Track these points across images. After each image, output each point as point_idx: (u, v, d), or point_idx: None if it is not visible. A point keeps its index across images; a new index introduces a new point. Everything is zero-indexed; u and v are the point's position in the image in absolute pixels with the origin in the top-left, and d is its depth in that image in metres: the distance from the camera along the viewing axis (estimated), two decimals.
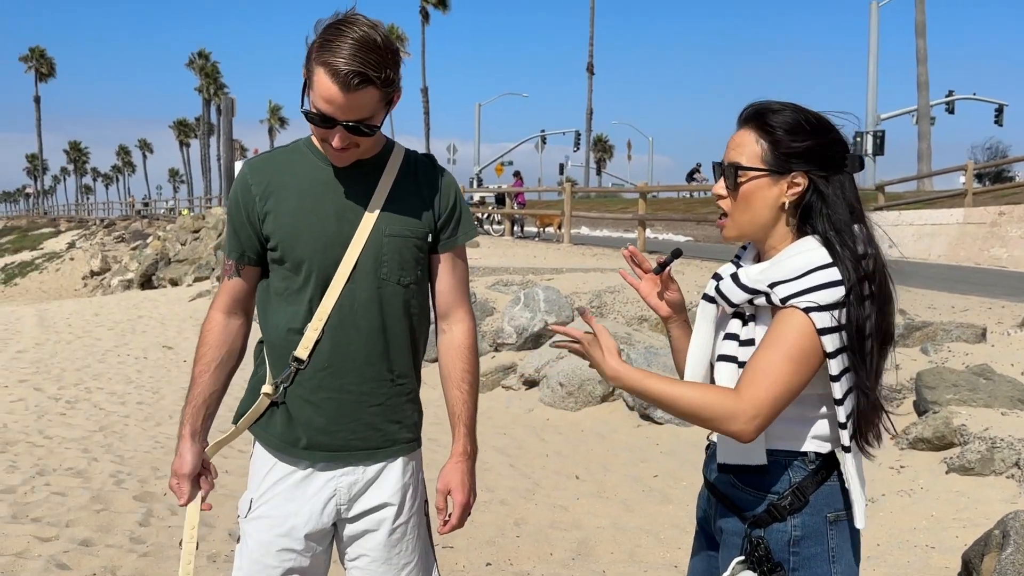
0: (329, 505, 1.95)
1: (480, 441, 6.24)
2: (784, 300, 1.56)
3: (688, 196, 31.26)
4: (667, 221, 23.27)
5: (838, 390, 1.56)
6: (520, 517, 4.59)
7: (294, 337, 1.91)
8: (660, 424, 6.35)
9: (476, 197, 24.44)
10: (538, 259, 13.99)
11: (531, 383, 7.84)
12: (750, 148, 1.63)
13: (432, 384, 2.14)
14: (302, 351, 1.89)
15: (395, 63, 1.80)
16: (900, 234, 17.20)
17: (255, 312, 2.04)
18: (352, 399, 1.92)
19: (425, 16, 53.97)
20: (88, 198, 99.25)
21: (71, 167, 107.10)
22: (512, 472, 5.45)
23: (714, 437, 1.73)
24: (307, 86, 1.81)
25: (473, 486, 2.03)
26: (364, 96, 1.76)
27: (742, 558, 1.63)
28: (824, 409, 1.63)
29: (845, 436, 1.59)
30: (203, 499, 2.02)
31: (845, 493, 1.65)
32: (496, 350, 8.88)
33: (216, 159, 58.73)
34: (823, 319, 1.54)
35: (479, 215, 22.61)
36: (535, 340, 8.55)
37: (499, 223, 21.71)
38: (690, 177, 27.53)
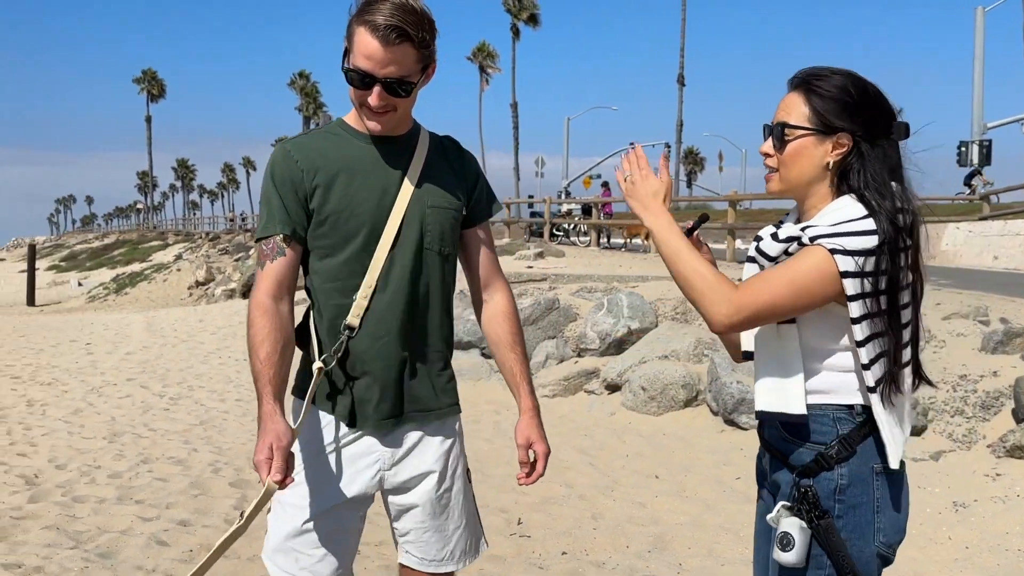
0: (373, 472, 1.99)
1: (560, 441, 6.31)
2: (813, 239, 1.62)
3: (783, 206, 30.61)
4: (757, 230, 22.82)
5: (859, 332, 1.62)
6: (598, 511, 4.62)
7: (343, 307, 1.95)
8: (745, 430, 6.27)
9: (564, 208, 24.51)
10: (623, 268, 13.95)
11: (613, 387, 7.84)
12: (798, 109, 1.70)
13: None
14: (353, 319, 1.94)
15: (432, 30, 1.88)
16: (1007, 244, 16.42)
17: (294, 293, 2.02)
18: (398, 367, 1.98)
19: (516, 33, 54.56)
20: (194, 213, 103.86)
21: (179, 183, 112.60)
22: (591, 470, 5.49)
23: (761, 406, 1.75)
24: (347, 53, 1.88)
25: (546, 436, 2.13)
26: (402, 51, 1.83)
27: (788, 503, 1.68)
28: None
29: (870, 377, 1.64)
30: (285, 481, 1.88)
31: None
32: (579, 355, 8.92)
33: None
34: (847, 263, 1.59)
35: (565, 226, 22.65)
36: (618, 345, 8.55)
37: (585, 234, 21.71)
38: None
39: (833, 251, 1.59)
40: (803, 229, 1.65)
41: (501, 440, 6.32)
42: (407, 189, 1.97)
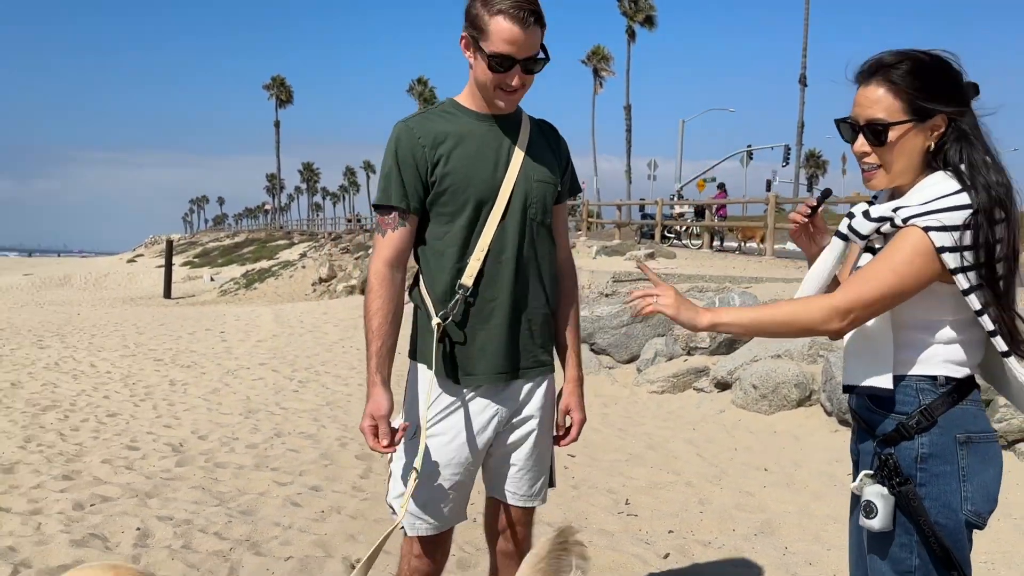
0: (493, 421, 2.21)
1: (668, 434, 6.43)
2: (906, 220, 1.67)
3: None
4: None
5: (976, 302, 1.66)
6: (704, 497, 4.72)
7: (458, 269, 2.14)
8: None
9: (677, 210, 24.30)
10: (736, 269, 13.79)
11: (723, 385, 7.84)
12: (887, 102, 1.72)
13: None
14: (467, 279, 2.13)
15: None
16: None
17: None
18: (509, 325, 2.17)
19: (631, 35, 54.25)
20: (318, 214, 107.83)
21: (304, 186, 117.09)
22: (699, 460, 5.57)
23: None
24: (476, 43, 2.06)
25: (584, 407, 2.31)
26: (535, 33, 2.03)
27: (871, 471, 1.75)
28: (955, 334, 1.71)
29: (1000, 342, 1.68)
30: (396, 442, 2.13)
31: (983, 415, 1.73)
32: (689, 354, 8.94)
33: None
34: (942, 238, 1.63)
35: (677, 228, 22.45)
36: (729, 344, 8.53)
37: (697, 236, 21.46)
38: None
39: (927, 228, 1.63)
40: (895, 210, 1.69)
41: (608, 430, 6.47)
42: (516, 163, 2.17)
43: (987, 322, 1.67)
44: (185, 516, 4.34)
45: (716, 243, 21.16)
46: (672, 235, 22.74)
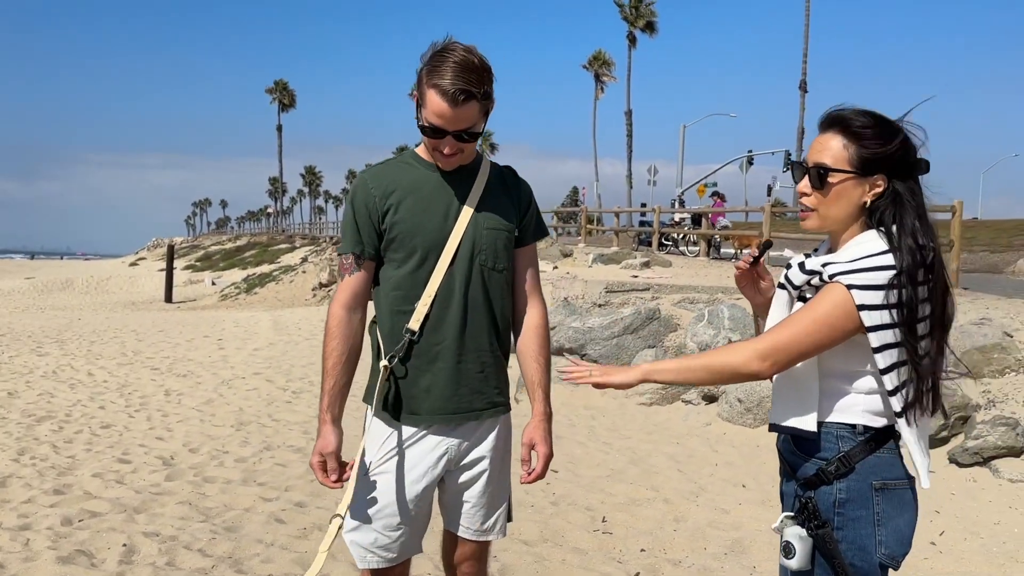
0: (442, 460, 2.30)
1: (651, 448, 6.51)
2: (832, 276, 1.76)
3: None
4: None
5: (881, 361, 1.74)
6: (680, 514, 4.81)
7: (406, 312, 2.24)
8: None
9: (676, 217, 24.38)
10: (729, 279, 13.87)
11: (710, 398, 7.94)
12: (836, 151, 1.82)
13: None
14: (414, 323, 2.23)
15: (491, 80, 2.16)
16: None
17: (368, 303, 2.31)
18: (458, 367, 2.26)
19: (632, 40, 54.38)
20: (320, 218, 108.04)
21: (306, 189, 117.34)
22: (679, 476, 5.66)
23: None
24: (419, 105, 2.18)
25: (551, 442, 2.33)
26: (468, 109, 2.12)
27: (791, 513, 1.84)
28: (876, 385, 1.80)
29: (896, 403, 1.76)
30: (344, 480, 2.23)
31: (900, 463, 1.81)
32: None
33: None
34: (864, 296, 1.72)
35: (674, 235, 22.52)
36: None
37: (694, 244, 21.53)
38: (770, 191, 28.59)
39: (850, 287, 1.73)
40: (824, 265, 1.79)
41: (594, 444, 6.56)
42: (466, 212, 2.26)
43: (889, 381, 1.75)
44: (171, 532, 4.44)
45: (713, 251, 21.21)
46: (669, 242, 22.81)
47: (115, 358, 11.79)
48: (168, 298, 32.51)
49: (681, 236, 22.35)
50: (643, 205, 31.44)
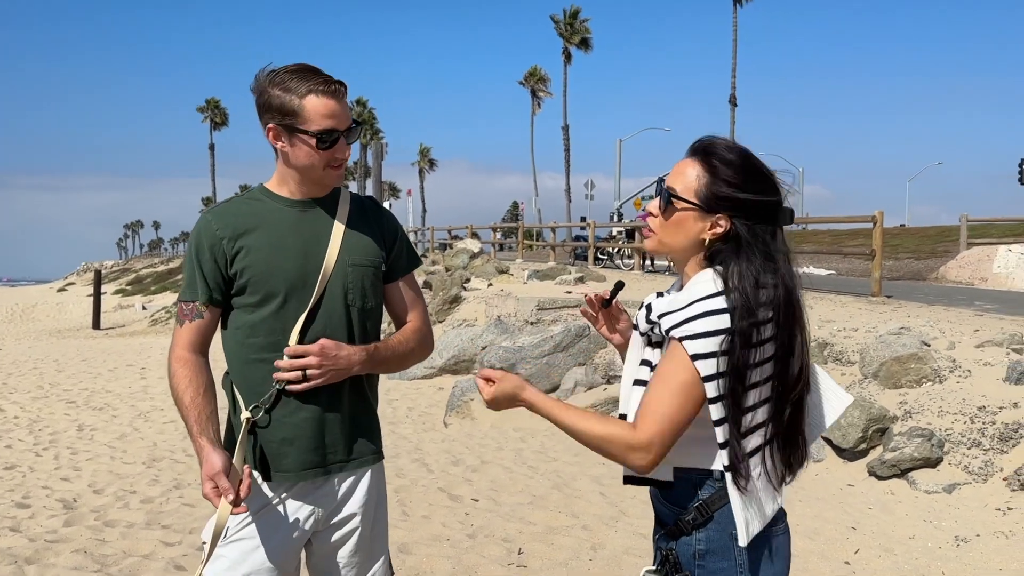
0: (309, 521, 2.12)
1: (577, 471, 6.38)
2: (667, 332, 1.64)
3: (837, 228, 30.10)
4: (813, 255, 22.58)
5: (715, 412, 1.61)
6: (598, 542, 4.71)
7: (264, 361, 2.06)
8: None
9: (615, 232, 24.57)
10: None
11: None
12: (688, 180, 1.70)
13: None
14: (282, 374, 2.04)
15: None
16: None
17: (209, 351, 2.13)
18: (327, 417, 2.10)
19: (567, 57, 54.92)
20: None
21: None
22: (601, 500, 5.57)
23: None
24: (288, 131, 2.03)
25: (347, 358, 2.08)
26: (347, 102, 2.07)
27: (653, 567, 1.72)
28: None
29: (724, 455, 1.62)
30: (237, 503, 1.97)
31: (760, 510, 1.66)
32: (608, 382, 8.99)
33: None
34: (695, 346, 1.59)
35: (609, 249, 22.67)
36: None
37: (629, 257, 21.69)
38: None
39: (682, 339, 1.60)
40: (660, 316, 1.66)
41: (520, 468, 6.44)
42: (331, 249, 2.10)
43: (719, 434, 1.62)
44: None
45: (648, 264, 21.39)
46: (605, 256, 22.94)
47: (30, 391, 11.27)
48: (96, 324, 31.49)
49: (616, 250, 22.50)
50: (583, 219, 31.61)
